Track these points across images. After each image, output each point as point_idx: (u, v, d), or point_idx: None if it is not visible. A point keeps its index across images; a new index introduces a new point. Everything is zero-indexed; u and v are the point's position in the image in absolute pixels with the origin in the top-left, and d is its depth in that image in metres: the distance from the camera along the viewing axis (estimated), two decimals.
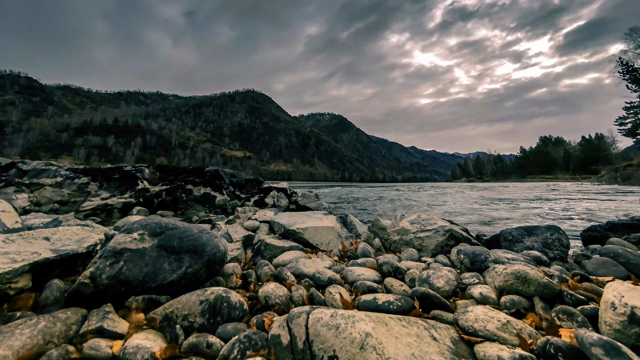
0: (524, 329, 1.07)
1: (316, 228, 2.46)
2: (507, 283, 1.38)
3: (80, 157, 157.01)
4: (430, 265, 1.84)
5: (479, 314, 1.13)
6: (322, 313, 1.06)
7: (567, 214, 6.08)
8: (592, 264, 1.87)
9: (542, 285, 1.30)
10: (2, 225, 2.02)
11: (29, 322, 0.97)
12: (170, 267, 1.41)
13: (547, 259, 1.97)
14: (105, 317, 1.08)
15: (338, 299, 1.36)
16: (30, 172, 6.39)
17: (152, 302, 1.30)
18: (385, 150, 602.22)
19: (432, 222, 2.36)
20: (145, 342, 1.00)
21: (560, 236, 2.25)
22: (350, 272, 1.69)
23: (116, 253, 1.31)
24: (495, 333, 1.04)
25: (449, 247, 2.15)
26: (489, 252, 1.80)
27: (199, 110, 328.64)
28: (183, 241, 1.53)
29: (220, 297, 1.23)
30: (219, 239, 1.75)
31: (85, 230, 1.72)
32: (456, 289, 1.48)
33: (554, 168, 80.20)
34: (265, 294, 1.40)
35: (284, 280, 1.68)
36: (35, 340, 0.93)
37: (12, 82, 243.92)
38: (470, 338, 1.04)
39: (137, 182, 6.08)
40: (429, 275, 1.54)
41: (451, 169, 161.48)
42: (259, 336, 1.03)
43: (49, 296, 1.16)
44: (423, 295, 1.33)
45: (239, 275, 1.81)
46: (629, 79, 39.21)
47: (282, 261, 1.97)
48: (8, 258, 1.14)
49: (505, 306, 1.27)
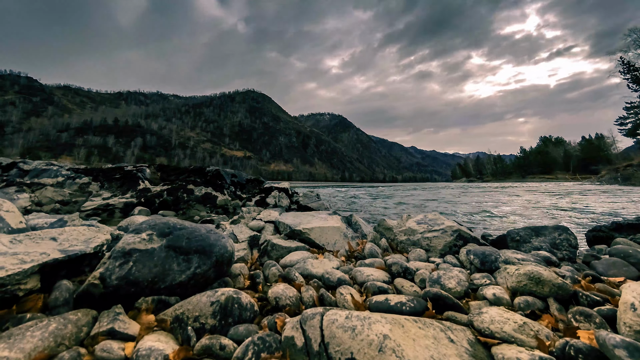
0: (540, 330, 1.06)
1: (322, 228, 2.45)
2: (520, 284, 1.36)
3: (80, 157, 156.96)
4: (439, 266, 1.82)
5: (494, 315, 1.11)
6: (337, 314, 1.04)
7: (569, 215, 6.06)
8: (602, 265, 1.86)
9: (557, 286, 1.29)
10: (6, 225, 2.00)
11: (39, 323, 0.96)
12: (179, 268, 1.40)
13: (556, 259, 1.95)
14: (116, 318, 1.06)
15: (349, 300, 1.34)
16: (32, 172, 6.38)
17: (161, 303, 1.28)
18: (385, 150, 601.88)
19: (440, 222, 2.34)
20: (158, 343, 0.99)
21: (569, 236, 2.23)
22: (359, 272, 1.68)
23: (125, 253, 1.29)
24: (513, 335, 1.02)
25: (457, 247, 2.13)
26: (499, 252, 1.79)
27: (199, 110, 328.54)
28: (191, 241, 1.51)
29: (231, 298, 1.22)
30: (226, 239, 1.74)
31: (91, 231, 1.71)
32: (468, 289, 1.47)
33: (554, 168, 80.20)
34: (275, 295, 1.38)
35: (293, 281, 1.66)
36: (46, 342, 0.91)
37: (12, 82, 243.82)
38: (487, 340, 1.02)
39: (139, 182, 6.06)
40: (439, 276, 1.52)
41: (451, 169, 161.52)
42: (273, 338, 1.01)
43: (58, 297, 1.14)
44: (435, 296, 1.31)
45: (247, 276, 1.79)
46: (629, 79, 39.20)
47: (290, 262, 1.95)
48: (17, 259, 1.13)
49: (519, 307, 1.26)
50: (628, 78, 39.15)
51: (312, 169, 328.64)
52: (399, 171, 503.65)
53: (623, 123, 45.12)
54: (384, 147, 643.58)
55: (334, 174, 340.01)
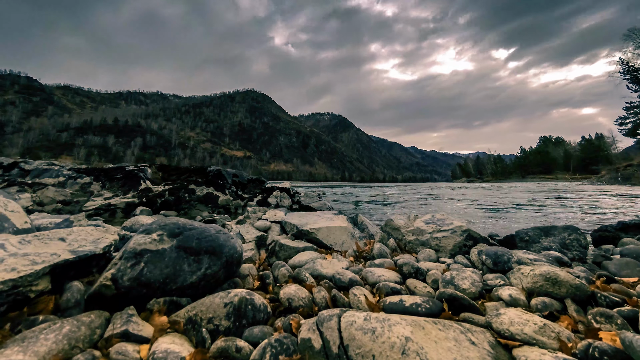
0: (561, 332, 1.04)
1: (329, 228, 2.43)
2: (536, 285, 1.34)
3: (80, 156, 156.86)
4: (450, 267, 1.80)
5: (513, 316, 1.09)
6: (355, 316, 1.02)
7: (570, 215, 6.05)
8: (614, 265, 1.84)
9: (574, 287, 1.27)
10: (12, 225, 1.98)
11: (53, 326, 0.94)
12: (189, 269, 1.38)
13: (568, 259, 1.94)
14: (129, 320, 1.04)
15: (363, 301, 1.33)
16: (33, 172, 6.35)
17: (173, 304, 1.26)
18: (385, 150, 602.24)
19: (448, 222, 2.32)
20: (173, 346, 0.97)
21: (579, 236, 2.22)
22: (370, 273, 1.66)
23: (137, 254, 1.28)
24: (534, 337, 1.00)
25: (467, 247, 2.11)
26: (511, 252, 1.77)
27: (199, 110, 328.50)
28: (201, 242, 1.49)
29: (244, 299, 1.20)
30: (235, 240, 1.72)
31: (99, 231, 1.69)
32: (482, 290, 1.45)
33: (554, 168, 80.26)
34: (287, 296, 1.36)
35: (303, 281, 1.64)
36: (60, 345, 0.89)
37: (12, 82, 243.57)
38: (508, 342, 1.00)
39: (140, 181, 6.03)
40: (453, 277, 1.51)
41: (451, 169, 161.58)
42: (290, 340, 1.00)
43: (70, 299, 1.12)
44: (451, 297, 1.30)
45: (256, 277, 1.77)
46: (629, 79, 39.23)
47: (298, 262, 1.93)
48: (28, 260, 1.11)
49: (536, 309, 1.24)
50: (628, 78, 39.18)
51: (312, 169, 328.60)
52: (399, 171, 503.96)
53: (623, 123, 45.15)
54: (384, 147, 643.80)
55: (334, 173, 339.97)
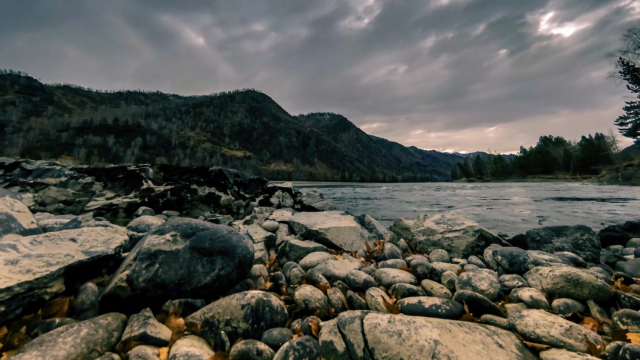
0: (588, 334, 1.02)
1: (338, 228, 2.41)
2: (557, 286, 1.32)
3: (80, 156, 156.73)
4: (464, 267, 1.78)
5: (538, 318, 1.07)
6: (378, 318, 1.00)
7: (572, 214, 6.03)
8: (630, 265, 1.82)
9: (597, 288, 1.25)
10: (18, 226, 1.95)
11: (70, 329, 0.91)
12: (203, 270, 1.36)
13: (583, 260, 1.91)
14: (146, 322, 1.02)
15: (381, 302, 1.30)
16: (34, 172, 6.32)
17: (188, 306, 1.24)
18: (385, 150, 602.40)
19: (459, 222, 2.30)
20: (193, 349, 0.94)
21: (591, 237, 2.20)
22: (384, 273, 1.64)
23: (151, 255, 1.25)
24: (561, 339, 0.98)
25: (480, 247, 2.09)
26: (527, 252, 1.75)
27: (199, 110, 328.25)
28: (214, 242, 1.47)
29: (261, 301, 1.17)
30: (247, 240, 1.70)
31: (109, 231, 1.66)
32: (500, 291, 1.43)
33: (554, 168, 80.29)
34: (303, 298, 1.34)
35: (317, 282, 1.62)
36: (79, 349, 0.87)
37: (12, 82, 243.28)
38: (535, 345, 0.98)
39: (142, 181, 6.01)
40: (470, 277, 1.48)
41: (451, 169, 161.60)
42: (313, 343, 0.97)
43: (84, 300, 1.10)
44: (470, 299, 1.27)
45: (267, 278, 1.75)
46: (629, 79, 39.22)
47: (309, 262, 1.91)
48: (42, 261, 1.08)
49: (559, 310, 1.22)
50: (628, 78, 39.17)
51: (312, 169, 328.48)
52: (399, 171, 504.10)
53: (623, 123, 45.16)
54: (384, 147, 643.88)
55: (334, 173, 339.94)
